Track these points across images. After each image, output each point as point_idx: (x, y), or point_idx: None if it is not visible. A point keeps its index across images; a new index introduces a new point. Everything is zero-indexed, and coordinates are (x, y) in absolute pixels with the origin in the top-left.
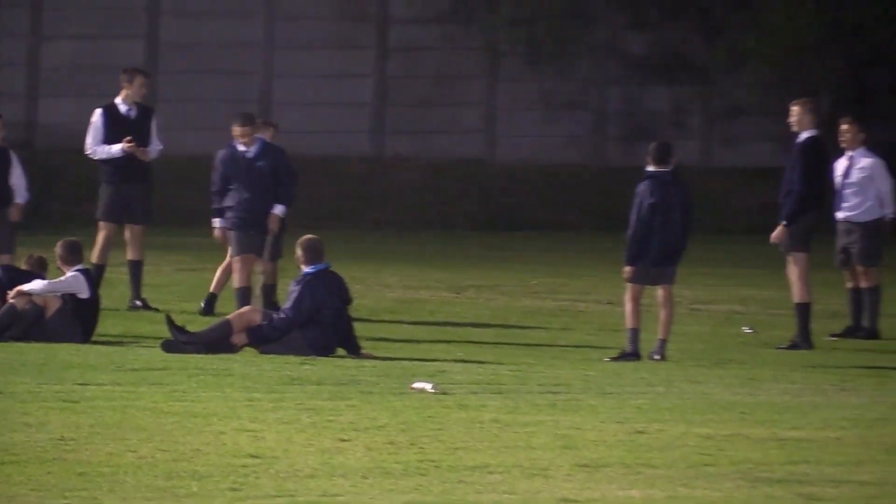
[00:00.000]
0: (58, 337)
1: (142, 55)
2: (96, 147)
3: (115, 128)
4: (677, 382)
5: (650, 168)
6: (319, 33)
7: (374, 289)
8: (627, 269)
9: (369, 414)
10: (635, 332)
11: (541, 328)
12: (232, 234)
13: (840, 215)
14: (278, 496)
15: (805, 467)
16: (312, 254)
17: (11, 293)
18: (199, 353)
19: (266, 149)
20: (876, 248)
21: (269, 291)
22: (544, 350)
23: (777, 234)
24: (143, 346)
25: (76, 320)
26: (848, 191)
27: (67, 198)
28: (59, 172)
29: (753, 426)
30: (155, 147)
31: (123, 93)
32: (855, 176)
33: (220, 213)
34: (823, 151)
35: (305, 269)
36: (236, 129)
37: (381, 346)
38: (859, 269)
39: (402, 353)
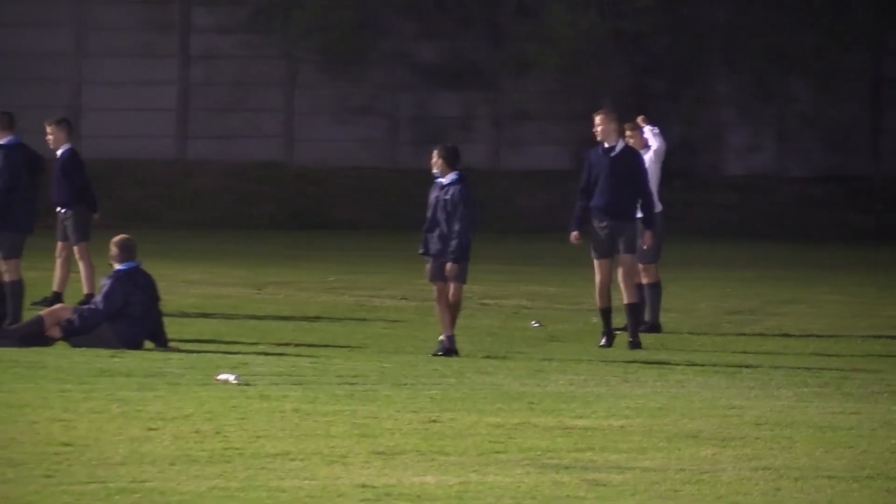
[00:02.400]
0: None
1: None
2: None
3: None
4: (468, 374)
5: (452, 173)
6: (126, 42)
7: (179, 286)
8: (455, 267)
9: (176, 404)
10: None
11: (338, 322)
12: None
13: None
14: (90, 482)
15: (591, 454)
16: (126, 252)
17: None
18: (13, 346)
19: None
20: (655, 247)
21: None
22: (342, 343)
23: (648, 239)
24: None
25: None
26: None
27: None
28: None
29: (541, 415)
30: None
31: None
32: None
33: None
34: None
35: (118, 266)
36: None
37: (187, 339)
38: (640, 266)
39: (207, 347)
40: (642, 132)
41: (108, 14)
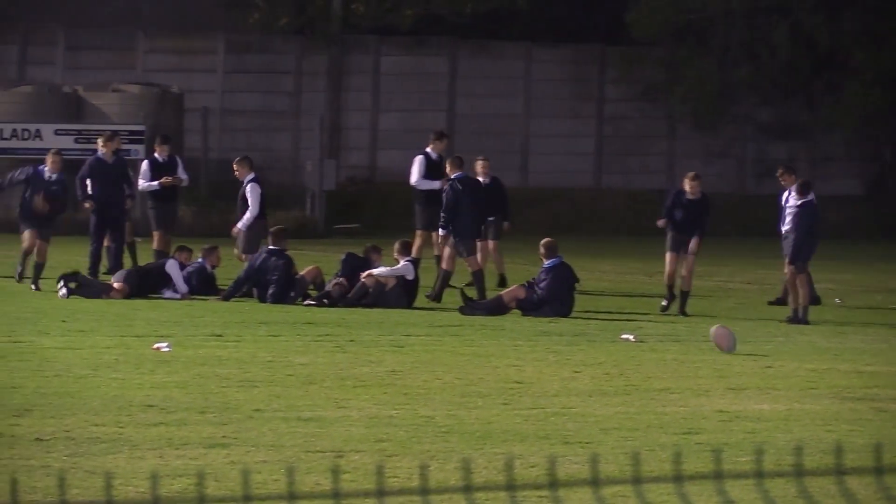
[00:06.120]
0: (392, 304)
1: (444, 122)
2: (421, 180)
3: (429, 169)
4: (792, 334)
5: (803, 199)
6: (560, 108)
7: (595, 274)
8: (793, 267)
9: (593, 354)
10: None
11: (705, 298)
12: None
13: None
14: (534, 408)
15: (876, 390)
16: (550, 251)
17: (364, 275)
18: (482, 315)
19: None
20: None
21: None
22: (707, 314)
23: (697, 243)
24: (446, 311)
25: (404, 294)
26: (788, 213)
27: (396, 214)
28: (391, 198)
29: (842, 363)
30: None
31: (432, 146)
32: (791, 202)
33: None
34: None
35: (546, 262)
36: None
37: (601, 311)
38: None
39: (614, 316)
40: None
41: (547, 89)
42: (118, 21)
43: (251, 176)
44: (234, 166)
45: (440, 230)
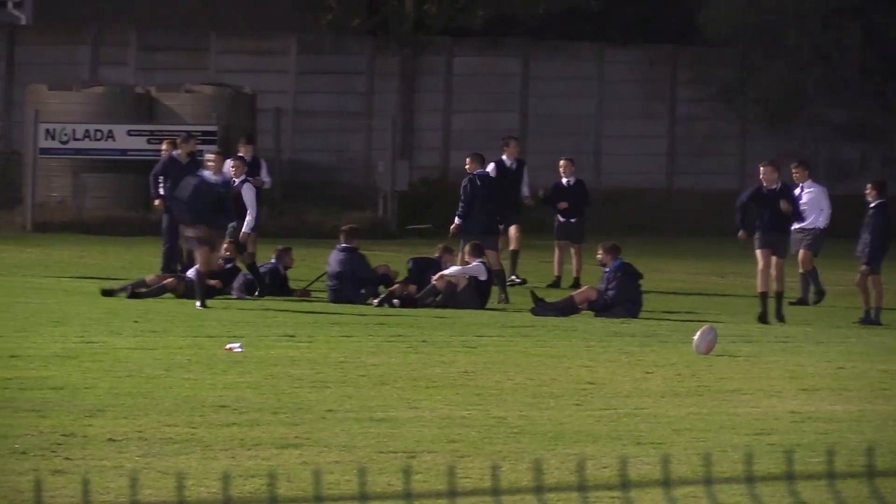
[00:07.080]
0: (464, 305)
1: (517, 123)
2: None
3: (500, 175)
4: (865, 336)
5: (878, 199)
6: (632, 109)
7: (667, 273)
8: (866, 268)
9: (665, 355)
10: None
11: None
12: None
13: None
14: (605, 409)
15: None
16: (612, 253)
17: (435, 277)
18: (555, 316)
19: None
20: (817, 244)
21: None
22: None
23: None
24: (517, 312)
25: (476, 294)
26: (802, 209)
27: None
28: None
29: None
30: (524, 188)
31: (505, 153)
32: (805, 199)
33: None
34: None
35: (611, 264)
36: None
37: (672, 311)
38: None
39: (686, 316)
40: (809, 184)
41: (619, 90)
42: (190, 21)
43: (243, 177)
44: (231, 163)
45: (456, 219)
